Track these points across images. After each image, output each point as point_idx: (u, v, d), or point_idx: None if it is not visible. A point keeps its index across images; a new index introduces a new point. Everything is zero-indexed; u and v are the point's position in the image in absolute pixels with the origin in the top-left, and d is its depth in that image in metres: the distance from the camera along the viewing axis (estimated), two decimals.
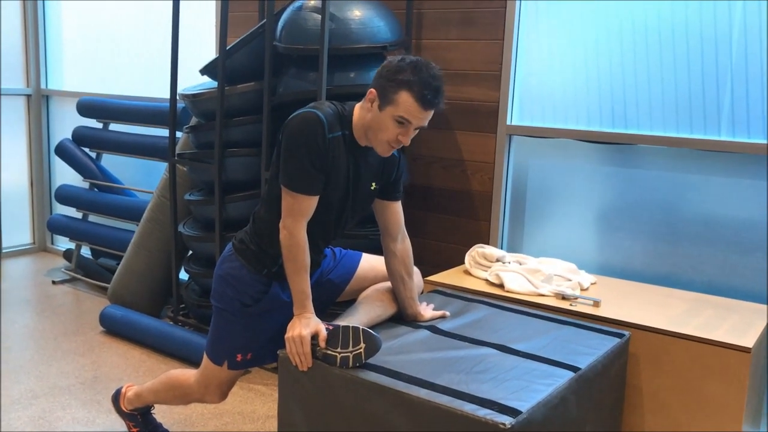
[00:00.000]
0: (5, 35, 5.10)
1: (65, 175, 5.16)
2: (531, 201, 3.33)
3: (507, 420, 1.68)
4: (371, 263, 2.42)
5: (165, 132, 4.07)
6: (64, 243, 5.19)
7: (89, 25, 5.03)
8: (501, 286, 2.76)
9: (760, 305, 2.68)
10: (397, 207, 2.29)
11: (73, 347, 3.65)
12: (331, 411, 1.97)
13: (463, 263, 3.04)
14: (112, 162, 4.81)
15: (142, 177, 4.84)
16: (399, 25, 3.35)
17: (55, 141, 5.19)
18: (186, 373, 2.46)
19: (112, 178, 4.75)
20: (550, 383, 1.90)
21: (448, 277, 2.90)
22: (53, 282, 4.70)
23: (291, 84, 3.29)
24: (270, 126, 3.28)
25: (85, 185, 4.75)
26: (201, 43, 4.36)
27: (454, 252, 3.47)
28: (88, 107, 4.69)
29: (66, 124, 5.22)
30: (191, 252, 3.86)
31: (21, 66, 5.25)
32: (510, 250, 3.37)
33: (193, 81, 3.94)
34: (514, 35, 3.23)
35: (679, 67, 2.91)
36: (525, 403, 1.76)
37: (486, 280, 2.86)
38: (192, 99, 3.56)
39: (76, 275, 4.73)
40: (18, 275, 4.86)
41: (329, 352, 1.97)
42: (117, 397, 2.66)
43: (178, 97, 3.74)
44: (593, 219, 3.19)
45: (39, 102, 5.32)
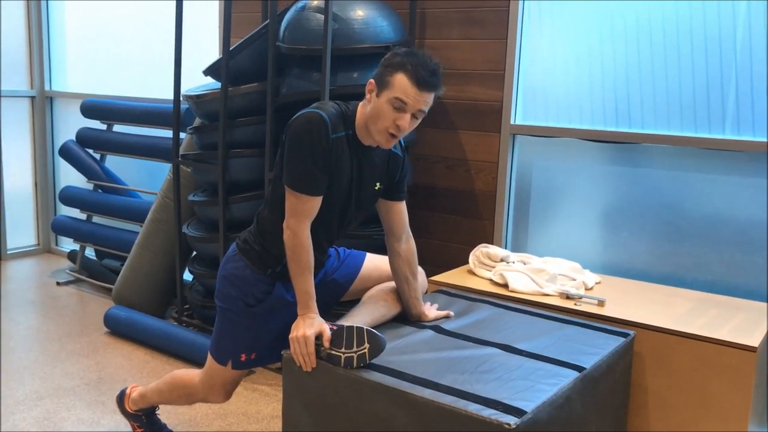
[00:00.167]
0: (9, 37, 5.11)
1: (69, 177, 5.17)
2: (535, 200, 3.33)
3: (512, 420, 1.67)
4: (375, 263, 2.42)
5: (169, 133, 4.07)
6: (68, 244, 5.19)
7: (93, 27, 5.03)
8: (505, 285, 2.76)
9: (765, 304, 2.67)
10: (402, 207, 2.29)
11: (78, 348, 3.65)
12: (336, 411, 1.97)
13: (467, 263, 3.04)
14: (116, 163, 4.82)
15: (145, 178, 4.85)
16: (402, 25, 3.35)
17: (59, 142, 5.20)
18: (190, 373, 2.46)
19: (116, 179, 4.76)
20: (554, 383, 1.89)
21: (452, 277, 2.89)
22: (58, 283, 4.71)
23: (294, 84, 3.29)
24: (273, 126, 3.28)
25: (89, 186, 4.76)
26: (204, 44, 4.36)
27: (458, 252, 3.46)
28: (91, 109, 4.69)
29: (70, 125, 5.23)
30: (195, 253, 3.86)
31: (25, 68, 5.26)
32: (514, 249, 3.37)
33: (197, 82, 3.94)
34: (517, 34, 3.22)
35: (684, 66, 2.90)
36: (530, 403, 1.76)
37: (490, 279, 2.85)
38: (195, 100, 3.56)
39: (80, 276, 4.73)
40: (22, 276, 4.87)
41: (333, 352, 1.96)
42: (121, 398, 2.66)
43: (181, 98, 3.74)
44: (597, 218, 3.18)
45: (43, 104, 5.33)
